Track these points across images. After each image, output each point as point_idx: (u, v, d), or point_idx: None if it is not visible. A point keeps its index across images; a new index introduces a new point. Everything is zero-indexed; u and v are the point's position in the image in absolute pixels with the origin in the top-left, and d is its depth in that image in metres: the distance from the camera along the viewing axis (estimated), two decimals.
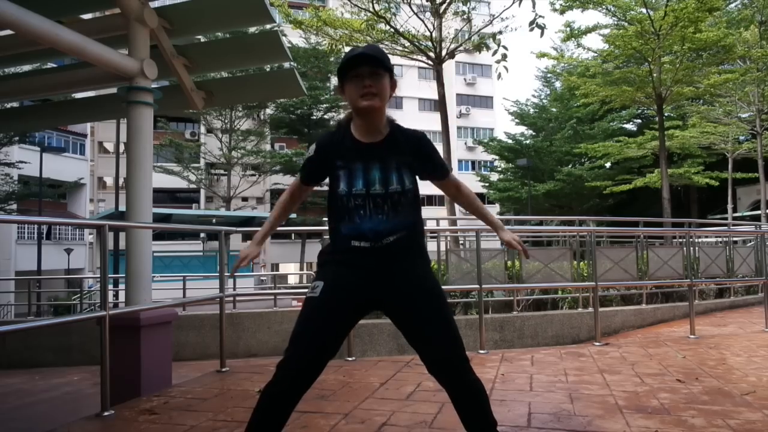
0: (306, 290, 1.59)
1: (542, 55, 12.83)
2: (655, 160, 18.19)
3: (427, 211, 1.96)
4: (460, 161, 32.63)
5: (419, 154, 1.56)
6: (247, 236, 18.12)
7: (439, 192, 1.86)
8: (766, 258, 5.37)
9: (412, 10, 8.28)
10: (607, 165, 22.40)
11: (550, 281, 4.47)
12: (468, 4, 8.21)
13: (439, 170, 1.61)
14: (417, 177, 1.57)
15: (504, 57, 7.05)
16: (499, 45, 7.11)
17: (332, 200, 1.54)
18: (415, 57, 8.75)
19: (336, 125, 1.61)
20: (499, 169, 26.70)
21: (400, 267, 1.50)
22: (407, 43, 8.46)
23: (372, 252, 1.48)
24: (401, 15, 8.54)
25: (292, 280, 21.84)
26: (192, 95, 3.67)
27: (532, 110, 25.55)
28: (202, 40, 4.99)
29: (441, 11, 8.25)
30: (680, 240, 6.46)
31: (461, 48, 8.97)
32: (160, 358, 3.00)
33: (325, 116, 24.13)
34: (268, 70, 4.62)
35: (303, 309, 1.50)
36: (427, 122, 26.09)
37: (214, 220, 16.27)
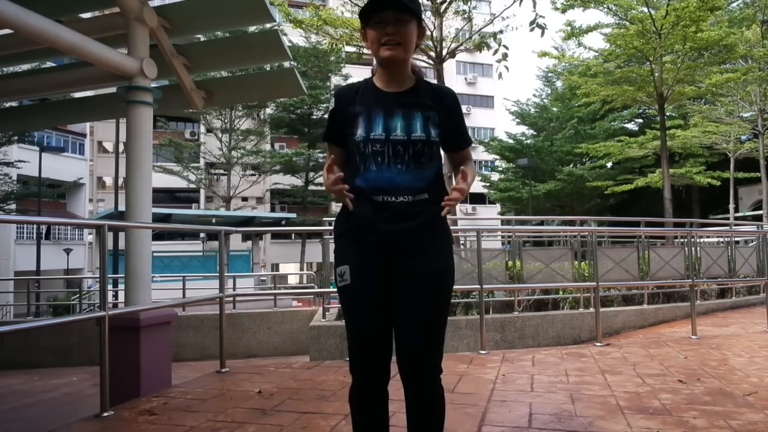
0: (307, 290, 1.57)
1: (543, 54, 12.81)
2: (656, 160, 18.18)
3: None
4: None
5: (448, 113, 1.41)
6: (247, 236, 18.20)
7: None
8: None
9: None
10: (609, 165, 22.38)
11: (551, 281, 4.46)
12: (468, 3, 8.17)
13: (464, 138, 1.46)
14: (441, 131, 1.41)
15: (505, 56, 7.03)
16: (499, 44, 7.08)
17: (351, 154, 1.40)
18: (415, 56, 8.73)
19: (364, 79, 1.48)
20: (500, 168, 26.68)
21: (419, 236, 1.35)
22: None
23: (389, 209, 1.34)
24: None
25: (292, 280, 21.84)
26: (192, 95, 3.66)
27: (533, 110, 25.53)
28: (202, 39, 5.00)
29: (441, 10, 8.23)
30: (682, 240, 6.43)
31: (462, 47, 8.95)
32: (159, 359, 2.99)
33: (326, 116, 24.07)
34: (268, 69, 4.61)
35: (343, 300, 1.43)
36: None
37: (213, 220, 16.26)
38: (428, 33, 8.27)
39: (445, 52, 8.39)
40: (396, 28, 1.32)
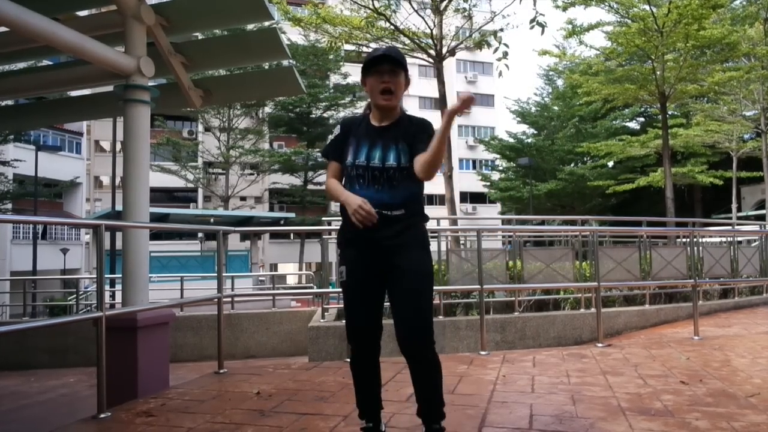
0: (306, 290, 1.73)
1: (544, 52, 12.77)
2: (658, 159, 18.14)
3: (427, 211, 1.96)
4: (461, 160, 32.58)
5: (415, 136, 1.75)
6: (245, 236, 18.20)
7: (440, 192, 2.00)
8: None
9: (413, 7, 8.23)
10: (610, 164, 22.35)
11: (552, 281, 4.44)
12: (468, 1, 8.14)
13: (419, 149, 1.73)
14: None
15: (505, 55, 7.00)
16: (500, 42, 7.05)
17: (345, 171, 1.82)
18: (415, 55, 8.70)
19: (363, 112, 1.90)
20: (501, 168, 26.66)
21: (397, 240, 1.74)
22: (407, 41, 8.41)
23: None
24: (401, 12, 8.48)
25: (291, 280, 21.84)
26: (189, 93, 3.63)
27: (533, 108, 25.50)
28: (200, 37, 4.97)
29: (441, 8, 8.20)
30: (684, 240, 6.41)
31: (462, 46, 8.92)
32: (157, 360, 2.97)
33: (324, 114, 24.08)
34: (266, 67, 4.59)
35: (343, 293, 1.86)
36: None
37: (212, 220, 16.23)
38: (428, 31, 8.24)
39: (445, 50, 8.35)
40: (390, 77, 1.74)
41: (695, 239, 4.85)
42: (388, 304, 1.83)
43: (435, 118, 1.94)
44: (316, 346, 4.84)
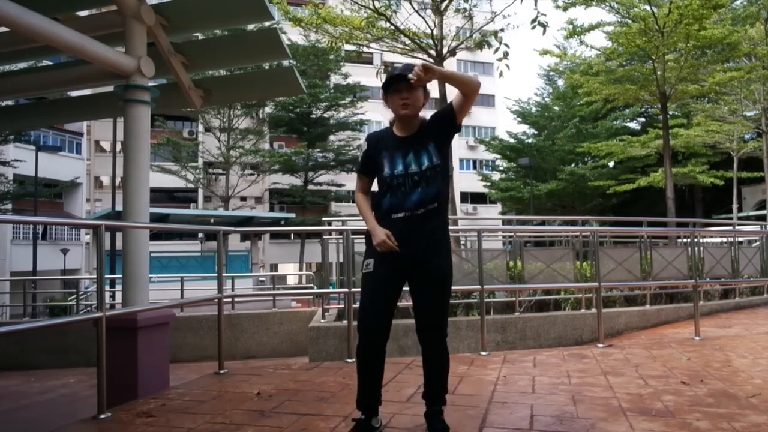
0: (306, 291, 1.74)
1: (545, 52, 12.74)
2: (659, 159, 18.11)
3: None
4: (461, 160, 32.56)
5: (437, 124, 1.99)
6: (245, 236, 18.18)
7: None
8: None
9: (413, 7, 8.23)
10: (611, 164, 22.32)
11: (552, 282, 4.43)
12: (469, 1, 8.14)
13: (446, 111, 1.99)
14: (448, 141, 2.03)
15: (506, 55, 6.99)
16: (500, 43, 7.05)
17: (379, 183, 2.02)
18: (415, 55, 8.69)
19: (386, 127, 2.11)
20: (501, 168, 26.64)
21: (429, 242, 1.94)
22: (408, 41, 8.41)
23: (408, 220, 1.93)
24: (402, 12, 8.48)
25: (291, 280, 21.82)
26: (190, 93, 3.63)
27: (534, 109, 25.48)
28: (200, 37, 4.97)
29: (442, 8, 8.19)
30: (685, 240, 6.40)
31: (462, 46, 8.91)
32: (157, 360, 2.97)
33: (325, 115, 24.07)
34: (267, 68, 4.59)
35: (363, 283, 2.00)
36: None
37: (212, 220, 16.22)
38: (428, 31, 8.23)
39: (445, 50, 8.35)
40: (409, 93, 1.94)
41: (696, 239, 4.84)
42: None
43: None
44: (317, 346, 4.83)
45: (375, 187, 2.12)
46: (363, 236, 5.11)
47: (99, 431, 2.24)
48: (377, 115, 29.22)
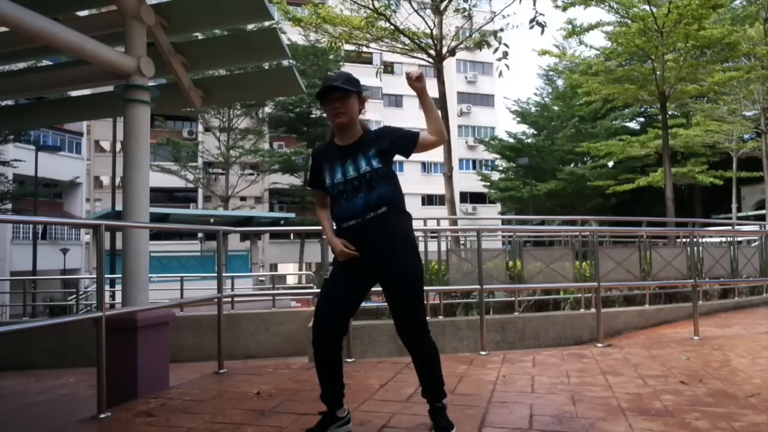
0: (306, 290, 1.77)
1: (544, 52, 12.76)
2: (658, 159, 18.13)
3: (427, 211, 2.02)
4: (461, 160, 32.55)
5: (388, 139, 1.99)
6: (245, 236, 18.18)
7: (440, 192, 2.14)
8: None
9: (413, 7, 8.23)
10: (610, 164, 22.34)
11: (552, 282, 4.43)
12: (469, 1, 8.14)
13: (407, 138, 2.00)
14: (396, 156, 2.02)
15: (505, 55, 7.00)
16: (500, 43, 7.06)
17: (328, 193, 2.03)
18: (415, 55, 8.70)
19: (327, 138, 2.10)
20: (501, 168, 26.65)
21: (386, 243, 1.93)
22: (407, 41, 8.41)
23: (359, 227, 1.94)
24: (401, 12, 8.48)
25: (291, 280, 21.82)
26: (190, 93, 3.63)
27: (533, 108, 25.49)
28: (200, 37, 4.97)
29: (441, 8, 8.20)
30: (684, 240, 6.41)
31: (462, 46, 8.92)
32: (157, 360, 2.97)
33: (324, 115, 24.02)
34: (266, 67, 4.59)
35: (321, 288, 2.06)
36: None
37: (212, 220, 16.23)
38: (428, 31, 8.23)
39: (445, 50, 8.36)
40: (341, 102, 1.94)
41: (695, 239, 4.85)
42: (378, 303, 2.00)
43: None
44: None
45: None
46: None
47: (99, 431, 2.24)
48: (377, 114, 29.23)
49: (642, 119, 24.92)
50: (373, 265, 1.95)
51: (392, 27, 8.23)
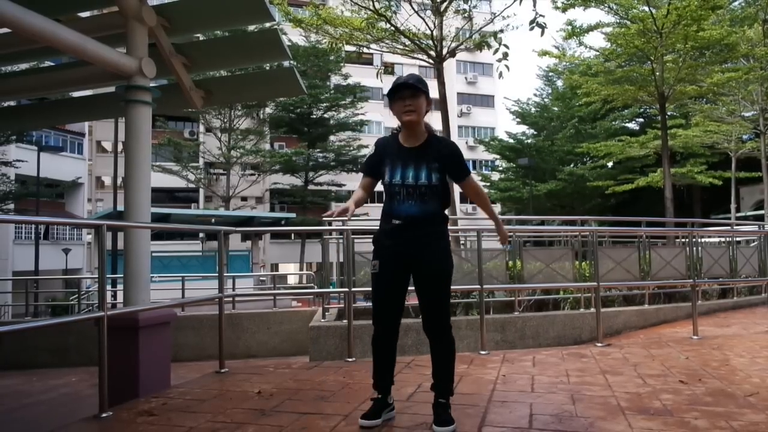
0: (307, 290, 1.79)
1: (544, 53, 12.76)
2: (657, 160, 18.14)
3: None
4: None
5: (447, 158, 2.10)
6: (246, 236, 18.19)
7: None
8: None
9: (413, 8, 8.24)
10: (609, 164, 22.35)
11: (551, 281, 4.45)
12: (469, 2, 8.16)
13: (462, 171, 2.14)
14: (446, 176, 2.11)
15: (505, 56, 7.01)
16: (500, 43, 7.06)
17: (384, 188, 2.15)
18: (415, 56, 8.71)
19: (392, 133, 2.22)
20: (501, 168, 26.67)
21: (423, 246, 2.06)
22: (408, 42, 8.42)
23: (402, 228, 2.07)
24: (402, 13, 8.50)
25: (292, 280, 21.82)
26: (191, 94, 3.64)
27: (533, 109, 25.50)
28: (201, 38, 4.98)
29: (442, 9, 8.21)
30: (683, 240, 6.41)
31: (462, 46, 8.92)
32: (158, 359, 2.98)
33: (325, 115, 24.08)
34: (267, 68, 4.60)
35: (373, 282, 2.16)
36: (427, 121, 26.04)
37: (213, 220, 16.23)
38: (428, 32, 8.25)
39: (445, 51, 8.37)
40: (411, 100, 2.04)
41: (694, 239, 4.86)
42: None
43: (435, 119, 2.09)
44: (317, 345, 4.84)
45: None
46: (363, 236, 5.12)
47: (100, 430, 2.25)
48: (377, 115, 29.23)
49: (641, 120, 24.93)
50: (409, 261, 2.08)
51: (393, 28, 8.25)
